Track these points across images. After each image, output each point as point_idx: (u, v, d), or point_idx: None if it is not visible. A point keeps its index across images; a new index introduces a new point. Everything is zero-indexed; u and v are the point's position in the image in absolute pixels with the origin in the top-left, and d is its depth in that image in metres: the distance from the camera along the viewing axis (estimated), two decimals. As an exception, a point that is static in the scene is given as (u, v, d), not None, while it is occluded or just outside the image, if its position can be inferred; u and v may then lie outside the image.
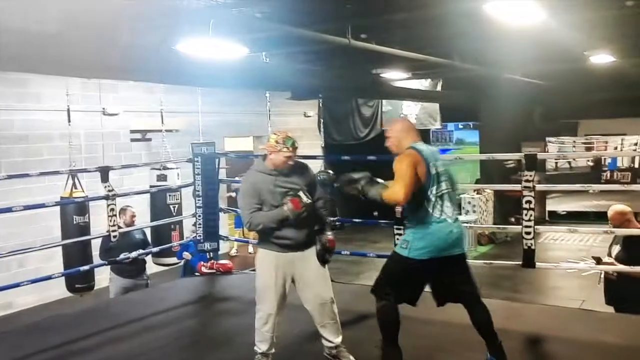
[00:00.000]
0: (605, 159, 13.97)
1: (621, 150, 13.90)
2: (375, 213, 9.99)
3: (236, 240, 8.82)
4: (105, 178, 4.82)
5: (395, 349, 3.16)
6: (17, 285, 4.46)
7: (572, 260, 8.47)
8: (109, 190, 4.80)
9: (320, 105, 11.83)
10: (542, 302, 7.03)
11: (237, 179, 6.50)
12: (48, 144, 7.77)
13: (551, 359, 3.40)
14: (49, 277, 4.68)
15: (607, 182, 13.37)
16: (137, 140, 9.16)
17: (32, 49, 4.45)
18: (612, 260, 4.54)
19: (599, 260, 4.67)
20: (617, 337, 3.94)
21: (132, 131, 9.04)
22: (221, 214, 6.00)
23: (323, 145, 11.88)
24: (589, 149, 13.96)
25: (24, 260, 7.25)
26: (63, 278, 5.64)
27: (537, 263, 4.46)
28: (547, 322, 4.14)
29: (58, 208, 5.71)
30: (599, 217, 9.48)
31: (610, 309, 4.66)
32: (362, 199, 3.17)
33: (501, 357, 3.11)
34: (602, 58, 7.04)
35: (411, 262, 3.07)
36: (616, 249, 4.61)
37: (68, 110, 6.36)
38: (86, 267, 5.23)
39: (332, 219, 3.69)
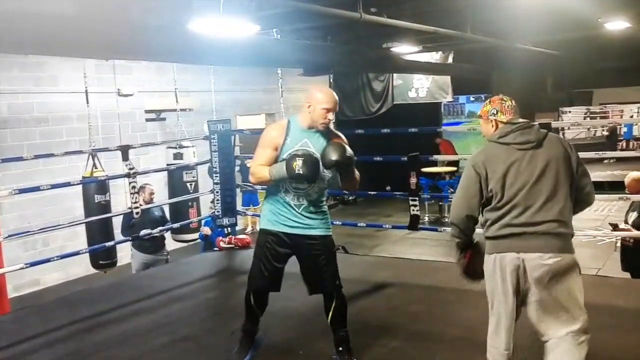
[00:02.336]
0: (620, 128, 13.85)
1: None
2: (388, 187, 10.09)
3: (254, 215, 8.96)
4: (126, 157, 4.94)
5: None
6: (47, 260, 4.64)
7: (588, 229, 8.50)
8: (130, 169, 4.92)
9: (331, 81, 11.85)
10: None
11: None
12: (67, 125, 7.91)
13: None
14: (76, 253, 4.85)
15: (623, 151, 13.28)
16: (152, 120, 9.27)
17: (48, 32, 4.53)
18: (628, 227, 4.59)
19: (615, 227, 4.72)
20: (633, 301, 4.00)
21: (147, 111, 9.16)
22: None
23: (334, 120, 11.92)
24: (604, 119, 13.85)
25: (48, 239, 7.46)
26: (87, 256, 5.81)
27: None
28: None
29: (79, 188, 5.86)
30: (613, 187, 9.43)
31: (627, 276, 4.72)
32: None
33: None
34: (617, 25, 6.95)
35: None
36: (633, 215, 4.66)
37: (86, 92, 6.47)
38: (111, 243, 5.39)
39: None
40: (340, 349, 3.08)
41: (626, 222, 4.67)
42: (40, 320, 4.12)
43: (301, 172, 2.85)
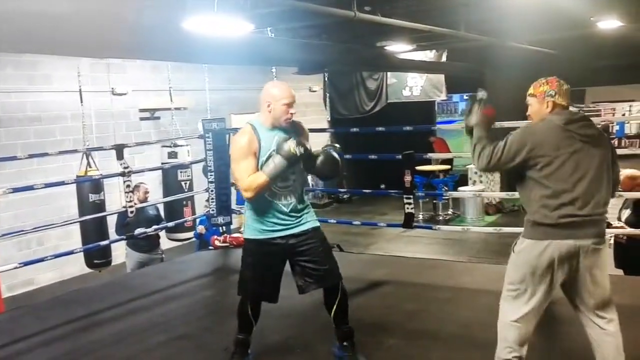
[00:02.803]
0: (612, 126, 13.95)
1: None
2: (383, 185, 10.12)
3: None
4: (120, 155, 4.93)
5: None
6: (41, 260, 4.62)
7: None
8: (125, 167, 4.92)
9: (326, 79, 11.86)
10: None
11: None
12: (61, 124, 7.88)
13: (559, 320, 3.51)
14: (71, 252, 4.83)
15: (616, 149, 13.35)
16: (146, 119, 9.25)
17: (43, 31, 4.52)
18: (622, 224, 4.62)
19: (609, 225, 4.75)
20: (626, 298, 4.03)
21: (141, 110, 9.13)
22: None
23: (329, 119, 11.94)
24: (596, 117, 13.91)
25: (42, 238, 7.43)
26: (81, 256, 5.80)
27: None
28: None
29: (73, 187, 5.85)
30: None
31: (620, 272, 4.75)
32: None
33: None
34: (610, 23, 6.99)
35: None
36: (626, 213, 4.69)
37: (80, 91, 6.45)
38: (105, 242, 5.39)
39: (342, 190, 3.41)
40: (345, 344, 3.04)
41: (619, 219, 4.70)
42: (35, 320, 4.11)
43: (301, 150, 2.79)
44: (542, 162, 2.48)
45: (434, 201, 10.74)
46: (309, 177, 7.21)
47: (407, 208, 5.01)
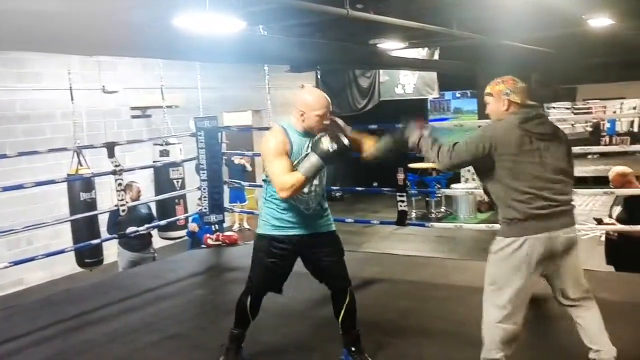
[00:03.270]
0: (604, 124, 14.01)
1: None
2: (375, 183, 10.11)
3: (241, 211, 8.96)
4: (111, 153, 4.90)
5: None
6: (31, 259, 4.58)
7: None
8: (116, 166, 4.88)
9: (318, 77, 11.84)
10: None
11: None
12: (51, 122, 7.82)
13: (551, 316, 3.52)
14: (61, 251, 4.79)
15: (607, 146, 13.44)
16: (138, 116, 9.20)
17: (31, 28, 4.47)
18: (613, 220, 4.65)
19: (600, 221, 4.79)
20: (615, 294, 4.07)
21: (133, 108, 9.08)
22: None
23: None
24: (587, 114, 13.99)
25: (32, 237, 7.37)
26: (72, 255, 5.74)
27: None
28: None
29: (64, 186, 5.79)
30: (597, 182, 9.56)
31: (611, 269, 4.78)
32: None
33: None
34: (601, 22, 7.02)
35: None
36: (617, 209, 4.72)
37: (70, 89, 6.38)
38: (97, 241, 5.34)
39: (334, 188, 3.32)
40: (353, 349, 3.00)
41: (610, 216, 4.73)
42: (26, 319, 4.07)
43: (336, 148, 2.69)
44: (505, 160, 2.56)
45: (427, 199, 10.76)
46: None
47: (400, 206, 5.01)
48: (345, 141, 2.75)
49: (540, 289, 2.77)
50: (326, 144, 2.71)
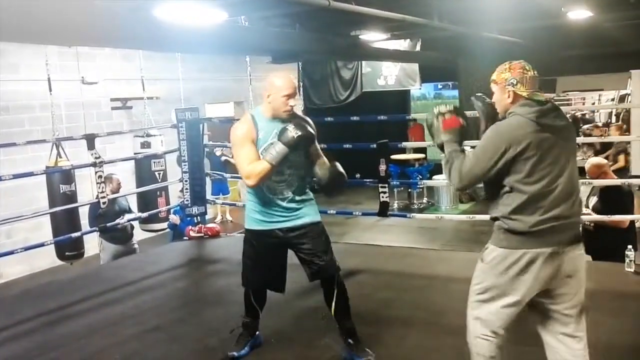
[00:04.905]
0: (588, 114, 14.18)
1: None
2: (357, 175, 10.14)
3: (223, 203, 8.93)
4: (91, 145, 4.85)
5: None
6: (10, 253, 4.53)
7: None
8: (96, 158, 4.83)
9: (300, 69, 11.80)
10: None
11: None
12: (29, 114, 7.70)
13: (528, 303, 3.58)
14: (41, 245, 4.74)
15: (585, 138, 13.61)
16: (118, 108, 9.10)
17: (7, 18, 4.38)
18: (589, 211, 4.73)
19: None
20: (593, 283, 4.14)
21: (113, 99, 8.97)
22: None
23: (303, 109, 11.90)
24: (566, 106, 14.15)
25: (11, 231, 7.28)
26: (52, 248, 5.68)
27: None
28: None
29: (43, 179, 5.71)
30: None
31: (588, 258, 4.87)
32: None
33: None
34: (580, 14, 7.10)
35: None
36: (593, 200, 4.80)
37: (49, 80, 6.29)
38: (77, 234, 5.29)
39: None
40: (350, 341, 2.99)
41: (587, 206, 4.80)
42: (4, 313, 4.03)
43: (300, 133, 2.74)
44: (519, 163, 2.22)
45: (409, 190, 10.82)
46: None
47: (382, 197, 5.04)
48: (310, 129, 2.82)
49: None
50: (291, 130, 2.76)
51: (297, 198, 2.94)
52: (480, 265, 2.38)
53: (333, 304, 2.96)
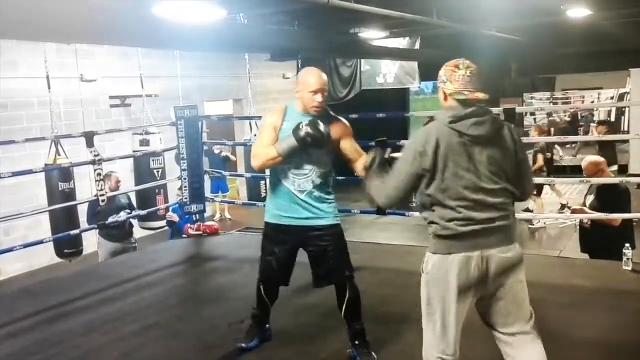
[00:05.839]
0: (581, 113, 14.19)
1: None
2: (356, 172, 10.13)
3: (222, 201, 8.93)
4: (90, 143, 4.85)
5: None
6: (9, 250, 4.53)
7: (551, 213, 8.75)
8: (95, 155, 4.83)
9: (299, 66, 11.80)
10: (523, 252, 7.28)
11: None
12: (28, 111, 7.69)
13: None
14: (40, 242, 4.75)
15: (584, 136, 13.62)
16: (117, 105, 9.09)
17: (6, 15, 4.38)
18: (584, 208, 4.74)
19: (574, 211, 4.89)
20: (588, 280, 4.18)
21: (111, 97, 8.96)
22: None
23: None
24: (565, 104, 14.17)
25: (10, 229, 7.27)
26: (51, 245, 5.68)
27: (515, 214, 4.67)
28: (526, 269, 4.33)
29: (42, 176, 5.71)
30: (575, 171, 9.71)
31: (585, 256, 4.88)
32: None
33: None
34: (579, 12, 7.11)
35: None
36: (590, 198, 4.81)
37: (47, 77, 6.28)
38: (76, 231, 5.29)
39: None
40: (357, 342, 2.98)
41: (584, 204, 4.81)
42: (3, 310, 4.03)
43: (309, 131, 2.73)
44: (432, 167, 2.17)
45: (407, 188, 10.81)
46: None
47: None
48: (323, 130, 2.79)
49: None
50: (303, 128, 2.76)
51: (316, 194, 2.91)
52: (422, 276, 2.36)
53: (344, 307, 2.96)
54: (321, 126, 2.79)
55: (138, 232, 6.51)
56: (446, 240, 2.23)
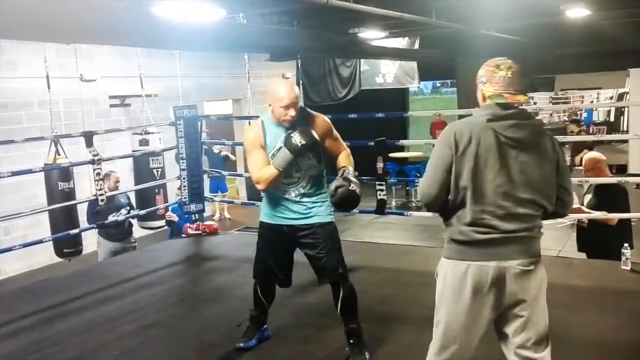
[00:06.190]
0: (581, 113, 14.23)
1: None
2: (356, 172, 10.16)
3: (222, 201, 8.94)
4: (89, 143, 4.85)
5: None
6: (8, 249, 4.54)
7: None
8: (94, 155, 4.84)
9: (299, 66, 11.81)
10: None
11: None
12: (27, 111, 7.70)
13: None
14: (40, 241, 4.75)
15: (584, 136, 13.64)
16: (116, 105, 9.10)
17: (5, 15, 4.39)
18: (582, 207, 4.74)
19: (573, 210, 4.89)
20: (587, 280, 4.19)
21: (111, 97, 8.97)
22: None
23: (302, 106, 11.89)
24: (565, 104, 14.21)
25: (9, 228, 7.29)
26: (50, 245, 5.70)
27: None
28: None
29: (41, 176, 5.72)
30: (573, 171, 9.72)
31: (583, 255, 4.89)
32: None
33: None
34: (578, 12, 7.11)
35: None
36: (588, 197, 4.81)
37: (47, 77, 6.29)
38: (76, 231, 5.30)
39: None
40: (352, 341, 2.99)
41: (582, 204, 4.82)
42: (3, 310, 4.03)
43: (304, 142, 2.77)
44: (457, 164, 2.05)
45: (407, 188, 10.84)
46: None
47: (380, 195, 5.05)
48: (315, 136, 2.83)
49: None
50: (296, 138, 2.79)
51: (308, 195, 2.94)
52: (437, 281, 2.22)
53: (339, 304, 2.97)
54: (311, 132, 2.83)
55: (137, 231, 6.52)
56: (460, 246, 2.10)
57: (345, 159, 3.04)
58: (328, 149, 3.02)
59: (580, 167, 8.65)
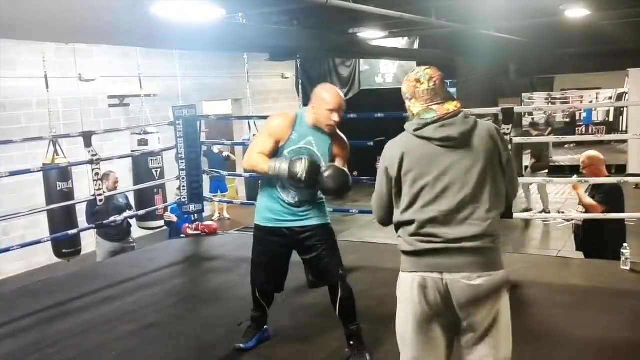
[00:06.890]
0: (580, 113, 14.22)
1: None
2: (355, 173, 10.15)
3: (221, 201, 8.93)
4: (88, 143, 4.84)
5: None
6: (7, 249, 4.53)
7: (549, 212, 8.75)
8: (93, 155, 4.83)
9: (298, 66, 11.80)
10: (521, 252, 7.29)
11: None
12: (26, 111, 7.69)
13: (525, 302, 3.60)
14: (38, 242, 4.74)
15: (582, 136, 13.65)
16: (115, 105, 9.09)
17: (4, 14, 4.38)
18: (582, 209, 4.75)
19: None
20: (586, 280, 4.20)
21: (110, 97, 8.96)
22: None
23: (301, 106, 11.92)
24: (564, 104, 14.20)
25: (8, 228, 7.27)
26: (49, 245, 5.68)
27: (513, 214, 4.69)
28: (524, 269, 4.35)
29: (40, 176, 5.71)
30: (573, 171, 9.70)
31: (581, 255, 4.90)
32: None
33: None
34: (577, 12, 7.11)
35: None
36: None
37: (46, 77, 6.28)
38: (74, 231, 5.28)
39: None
40: (351, 343, 2.98)
41: (580, 203, 4.82)
42: (2, 310, 4.02)
43: (304, 177, 2.76)
44: (396, 181, 2.04)
45: (406, 188, 10.82)
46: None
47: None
48: (323, 170, 2.81)
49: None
50: (300, 168, 2.77)
51: (306, 201, 2.94)
52: None
53: (337, 307, 2.96)
54: (315, 170, 2.79)
55: (136, 232, 6.51)
56: (407, 257, 2.02)
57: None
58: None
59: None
